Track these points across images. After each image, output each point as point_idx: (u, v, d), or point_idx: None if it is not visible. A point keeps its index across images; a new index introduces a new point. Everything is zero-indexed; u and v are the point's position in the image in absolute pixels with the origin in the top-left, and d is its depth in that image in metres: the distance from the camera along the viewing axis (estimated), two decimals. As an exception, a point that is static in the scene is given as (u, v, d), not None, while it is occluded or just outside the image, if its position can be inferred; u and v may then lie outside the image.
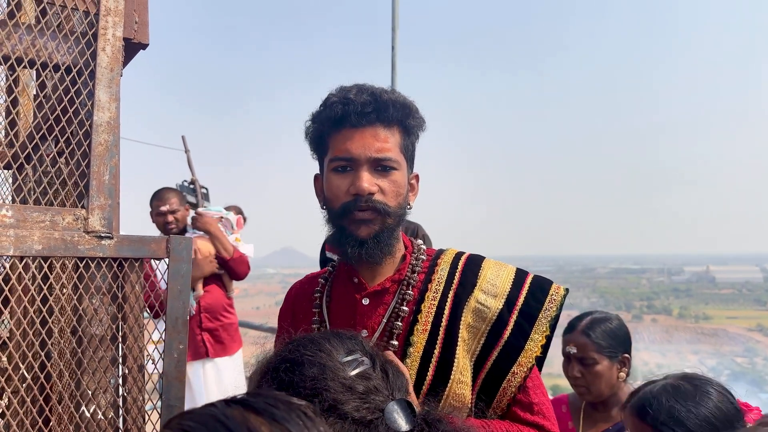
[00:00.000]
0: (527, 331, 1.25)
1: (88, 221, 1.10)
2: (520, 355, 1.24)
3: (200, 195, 5.78)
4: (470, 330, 1.26)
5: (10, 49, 1.07)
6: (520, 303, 1.27)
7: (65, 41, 1.11)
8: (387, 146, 1.24)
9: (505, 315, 1.26)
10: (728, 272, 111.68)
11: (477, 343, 1.26)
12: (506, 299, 1.27)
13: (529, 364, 1.25)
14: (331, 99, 1.27)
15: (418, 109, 1.30)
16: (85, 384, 1.09)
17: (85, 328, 1.10)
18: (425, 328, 1.25)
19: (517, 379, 1.24)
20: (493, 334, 1.25)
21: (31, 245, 1.04)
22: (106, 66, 1.13)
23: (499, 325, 1.25)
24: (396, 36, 3.74)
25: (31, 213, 1.05)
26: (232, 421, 0.51)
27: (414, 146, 1.32)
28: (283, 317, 1.48)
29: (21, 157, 1.05)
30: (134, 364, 1.15)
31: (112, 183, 1.13)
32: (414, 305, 1.28)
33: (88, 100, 1.12)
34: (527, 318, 1.26)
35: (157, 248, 1.17)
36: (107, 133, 1.13)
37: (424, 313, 1.26)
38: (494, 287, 1.28)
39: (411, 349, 1.24)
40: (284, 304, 1.50)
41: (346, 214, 1.24)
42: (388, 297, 1.30)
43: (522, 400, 1.26)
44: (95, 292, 1.11)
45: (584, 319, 2.16)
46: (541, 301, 1.28)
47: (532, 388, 1.26)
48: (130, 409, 1.14)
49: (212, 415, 0.52)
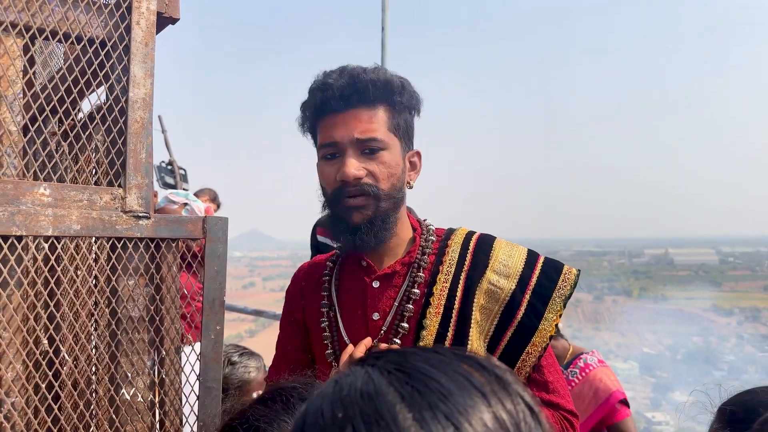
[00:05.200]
0: (541, 311, 1.26)
1: (125, 200, 1.07)
2: (535, 335, 1.25)
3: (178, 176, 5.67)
4: (483, 311, 1.26)
5: (43, 21, 1.02)
6: (533, 283, 1.27)
7: (99, 14, 1.07)
8: (371, 127, 1.21)
9: (519, 295, 1.26)
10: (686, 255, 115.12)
11: (490, 325, 1.26)
12: (519, 279, 1.27)
13: (544, 344, 1.25)
14: (312, 86, 1.25)
15: (406, 85, 1.26)
16: (123, 366, 1.07)
17: (122, 310, 1.07)
18: (438, 311, 1.24)
19: (532, 359, 1.25)
20: (506, 315, 1.26)
21: (69, 225, 1.01)
22: (140, 40, 1.10)
23: (513, 305, 1.25)
24: (386, 17, 3.71)
25: (69, 192, 1.02)
26: (474, 378, 0.47)
27: (408, 123, 1.29)
28: (291, 298, 1.45)
29: (58, 134, 1.02)
30: (171, 346, 1.13)
31: (148, 161, 1.10)
32: (425, 287, 1.27)
33: (123, 76, 1.09)
34: (541, 298, 1.26)
35: (194, 228, 1.15)
36: (143, 110, 1.09)
37: (436, 295, 1.26)
38: (507, 268, 1.28)
39: (424, 332, 1.23)
40: (292, 285, 1.47)
41: (337, 202, 1.23)
42: (398, 280, 1.29)
43: (537, 379, 1.27)
44: (133, 273, 1.08)
45: None
46: (555, 280, 1.28)
47: (546, 366, 1.27)
48: (167, 391, 1.12)
49: (449, 364, 0.48)
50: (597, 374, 2.39)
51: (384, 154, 1.22)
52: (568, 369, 2.45)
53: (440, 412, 0.45)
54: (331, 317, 1.33)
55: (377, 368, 0.50)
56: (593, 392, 2.33)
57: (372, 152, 1.21)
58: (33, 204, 0.98)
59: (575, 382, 2.41)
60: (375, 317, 1.27)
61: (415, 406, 0.45)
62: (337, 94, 1.20)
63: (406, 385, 0.47)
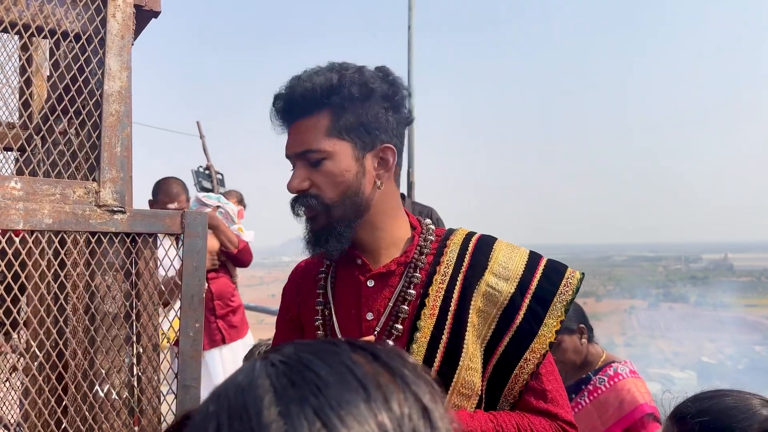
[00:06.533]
0: (541, 316, 1.20)
1: (99, 194, 1.06)
2: (533, 341, 1.19)
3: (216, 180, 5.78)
4: (480, 315, 1.21)
5: (17, 15, 1.02)
6: (533, 286, 1.21)
7: (74, 8, 1.07)
8: (307, 138, 1.17)
9: (518, 299, 1.20)
10: (747, 260, 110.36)
11: (488, 329, 1.21)
12: (519, 283, 1.21)
13: (543, 350, 1.20)
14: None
15: (353, 77, 1.17)
16: (98, 363, 1.05)
17: (98, 306, 1.06)
18: (433, 313, 1.20)
19: (530, 365, 1.19)
20: (504, 319, 1.20)
21: (41, 219, 1.00)
22: (116, 33, 1.09)
23: (511, 309, 1.20)
24: (413, 15, 3.67)
25: (40, 186, 1.02)
26: (360, 370, 0.44)
27: (365, 119, 1.19)
28: (287, 295, 1.43)
29: (30, 128, 1.01)
30: (149, 343, 1.11)
31: (124, 155, 1.09)
32: (421, 288, 1.22)
33: (99, 69, 1.08)
34: (541, 302, 1.20)
35: (172, 223, 1.13)
36: (118, 103, 1.08)
37: (432, 296, 1.21)
38: (506, 270, 1.23)
39: (418, 334, 1.19)
40: (288, 282, 1.45)
41: (295, 213, 1.23)
42: (394, 279, 1.25)
43: (535, 387, 1.21)
44: (108, 269, 1.07)
45: None
46: (556, 284, 1.22)
47: (545, 374, 1.22)
48: (144, 389, 1.10)
49: (336, 354, 0.45)
50: (626, 384, 2.28)
51: (326, 163, 1.17)
52: (597, 376, 2.36)
53: (309, 407, 0.40)
54: (326, 315, 1.30)
55: (267, 360, 0.46)
56: (619, 402, 2.22)
57: (316, 163, 1.18)
58: (3, 197, 0.98)
59: (602, 389, 2.32)
60: (369, 317, 1.23)
61: (284, 399, 0.41)
62: (279, 113, 1.20)
63: (283, 377, 0.43)
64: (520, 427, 1.16)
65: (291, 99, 1.17)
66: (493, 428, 1.15)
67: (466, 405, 1.19)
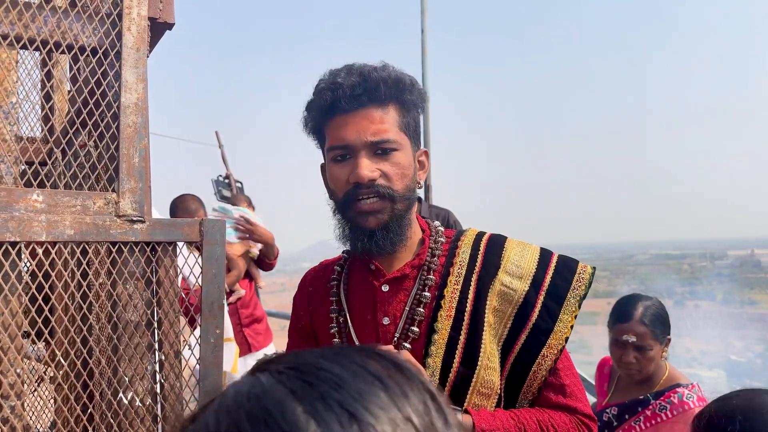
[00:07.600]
0: (556, 312, 1.21)
1: (119, 205, 1.08)
2: (550, 337, 1.20)
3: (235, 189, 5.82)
4: (496, 314, 1.21)
5: (35, 31, 1.05)
6: (547, 283, 1.22)
7: (90, 22, 1.09)
8: (384, 127, 1.16)
9: (532, 297, 1.21)
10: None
11: (504, 327, 1.22)
12: (532, 280, 1.22)
13: (560, 346, 1.20)
14: (320, 85, 1.21)
15: (414, 83, 1.23)
16: (122, 371, 1.07)
17: (120, 314, 1.08)
18: (449, 314, 1.20)
19: (548, 362, 1.20)
20: (520, 317, 1.21)
21: (63, 230, 1.02)
22: (131, 46, 1.11)
23: (526, 307, 1.21)
24: (425, 19, 3.68)
25: (62, 197, 1.04)
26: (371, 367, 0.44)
27: (417, 122, 1.25)
28: (298, 304, 1.42)
29: (50, 141, 1.03)
30: (170, 350, 1.13)
31: (142, 165, 1.11)
32: (436, 290, 1.23)
33: (115, 82, 1.10)
34: (555, 299, 1.21)
35: (191, 231, 1.14)
36: (135, 115, 1.10)
37: (447, 298, 1.21)
38: (519, 268, 1.23)
39: (435, 336, 1.19)
40: (299, 292, 1.43)
41: (350, 205, 1.19)
42: (408, 283, 1.25)
43: (553, 383, 1.21)
44: (129, 278, 1.08)
45: (635, 305, 2.17)
46: (569, 280, 1.23)
47: (562, 369, 1.22)
48: (167, 396, 1.12)
49: (343, 356, 0.45)
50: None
51: (397, 154, 1.18)
52: (658, 400, 2.08)
53: (333, 401, 0.40)
54: (341, 323, 1.30)
55: (267, 372, 0.46)
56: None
57: (385, 153, 1.18)
58: (26, 210, 1.00)
59: (662, 417, 2.06)
60: (385, 322, 1.24)
61: (306, 398, 0.41)
62: (347, 93, 1.15)
63: (296, 380, 0.43)
64: (540, 423, 1.16)
65: (366, 84, 1.16)
66: (515, 426, 1.15)
67: (486, 404, 1.19)
